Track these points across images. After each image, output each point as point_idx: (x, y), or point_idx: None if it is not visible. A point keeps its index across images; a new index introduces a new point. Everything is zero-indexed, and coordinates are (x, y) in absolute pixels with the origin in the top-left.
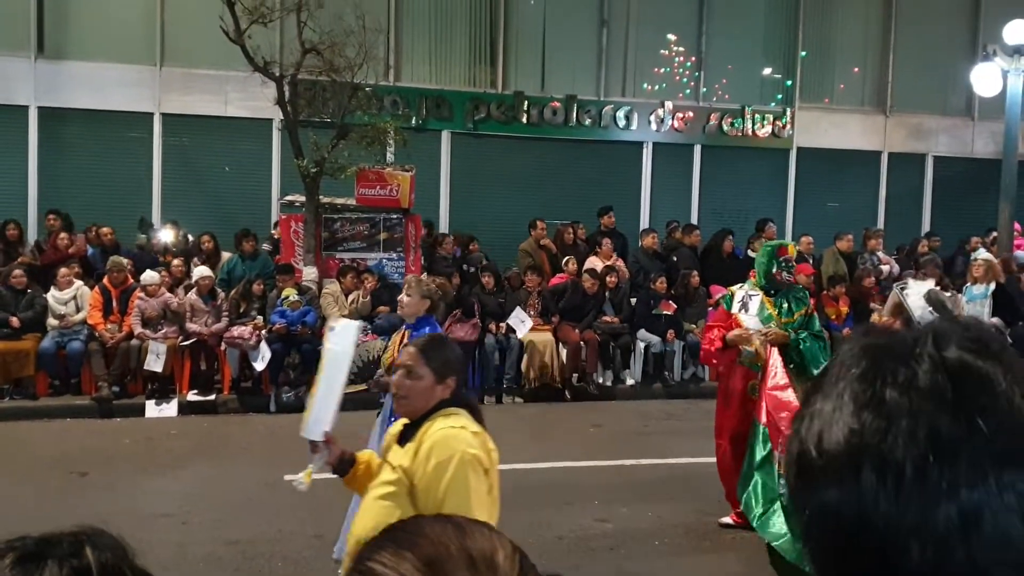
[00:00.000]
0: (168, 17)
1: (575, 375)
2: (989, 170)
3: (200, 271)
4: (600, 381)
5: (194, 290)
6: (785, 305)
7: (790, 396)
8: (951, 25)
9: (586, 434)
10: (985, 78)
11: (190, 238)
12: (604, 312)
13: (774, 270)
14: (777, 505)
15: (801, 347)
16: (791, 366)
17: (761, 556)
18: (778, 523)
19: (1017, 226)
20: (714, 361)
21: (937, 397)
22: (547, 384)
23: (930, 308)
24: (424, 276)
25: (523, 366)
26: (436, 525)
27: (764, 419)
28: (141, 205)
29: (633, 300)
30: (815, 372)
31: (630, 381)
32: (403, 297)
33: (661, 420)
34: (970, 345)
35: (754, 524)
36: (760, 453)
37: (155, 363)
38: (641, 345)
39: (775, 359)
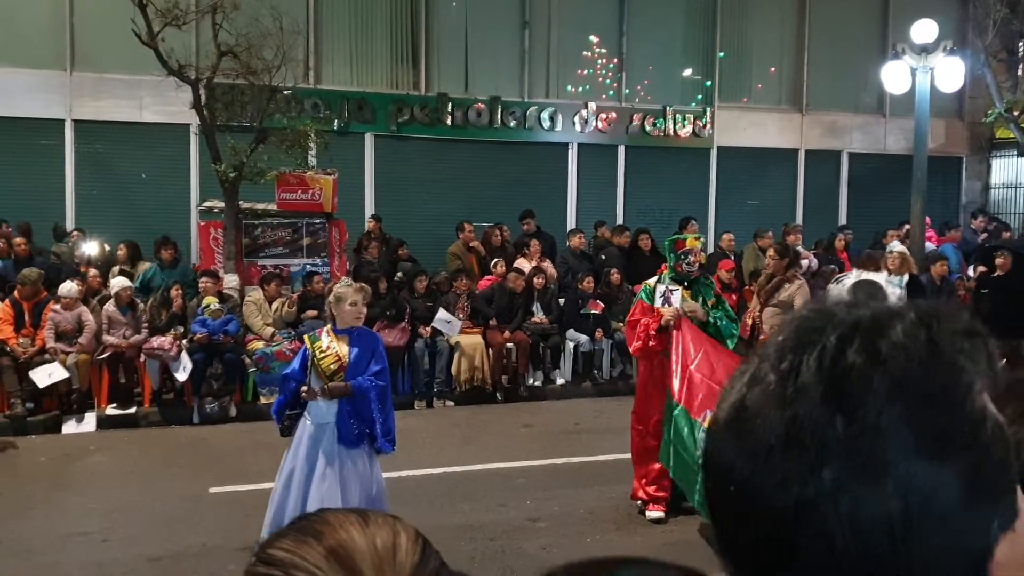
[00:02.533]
0: (78, 20)
1: (504, 376)
2: (901, 165)
3: (118, 281)
4: (531, 382)
5: (111, 301)
6: (700, 296)
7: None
8: (862, 25)
9: (517, 435)
10: (895, 76)
11: (107, 248)
12: (533, 313)
13: (675, 263)
14: (687, 470)
15: (719, 324)
16: None
17: (695, 548)
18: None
19: (927, 219)
20: (652, 343)
21: (807, 391)
22: (478, 386)
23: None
24: (350, 281)
25: (453, 369)
26: (339, 514)
27: (681, 398)
28: (54, 214)
29: (562, 300)
30: (729, 344)
31: (560, 381)
32: (361, 308)
33: (591, 418)
34: (867, 347)
35: (695, 504)
36: (684, 428)
37: (45, 380)
38: (570, 345)
39: (682, 338)
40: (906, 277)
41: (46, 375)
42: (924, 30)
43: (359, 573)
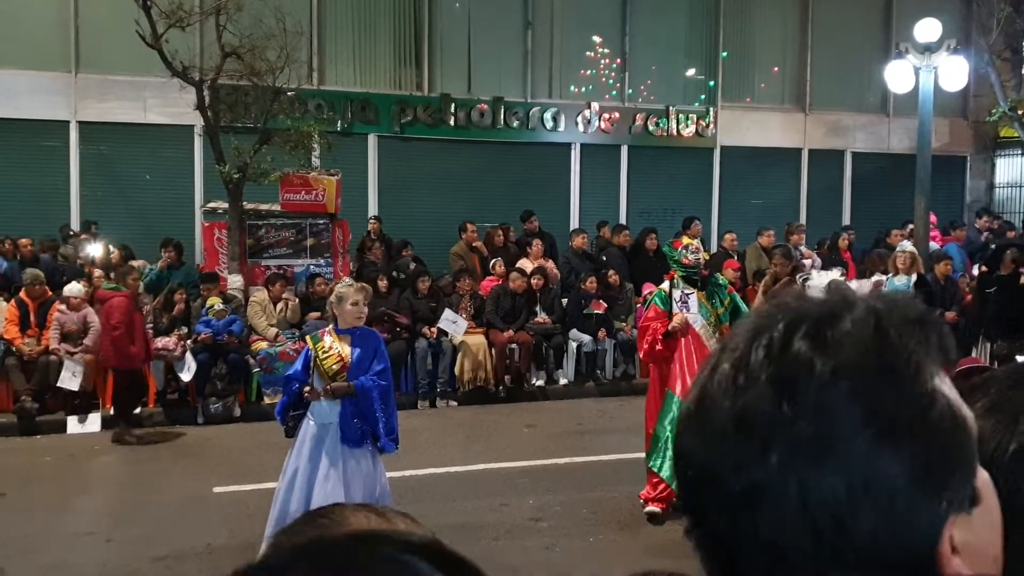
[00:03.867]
0: (82, 22)
1: (507, 376)
2: (905, 165)
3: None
4: (534, 382)
5: None
6: (715, 297)
7: None
8: (865, 25)
9: (520, 435)
10: (898, 76)
11: (112, 248)
12: (536, 313)
13: (683, 260)
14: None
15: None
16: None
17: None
18: None
19: (933, 219)
20: (659, 347)
21: (755, 377)
22: (481, 386)
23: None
24: (351, 281)
25: (456, 369)
26: (355, 508)
27: (680, 390)
28: (59, 216)
29: (564, 300)
30: None
31: (563, 381)
32: (363, 307)
33: (594, 418)
34: (813, 334)
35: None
36: (668, 421)
37: (70, 381)
38: (573, 345)
39: (688, 344)
40: (914, 277)
41: (70, 375)
42: (928, 29)
43: None
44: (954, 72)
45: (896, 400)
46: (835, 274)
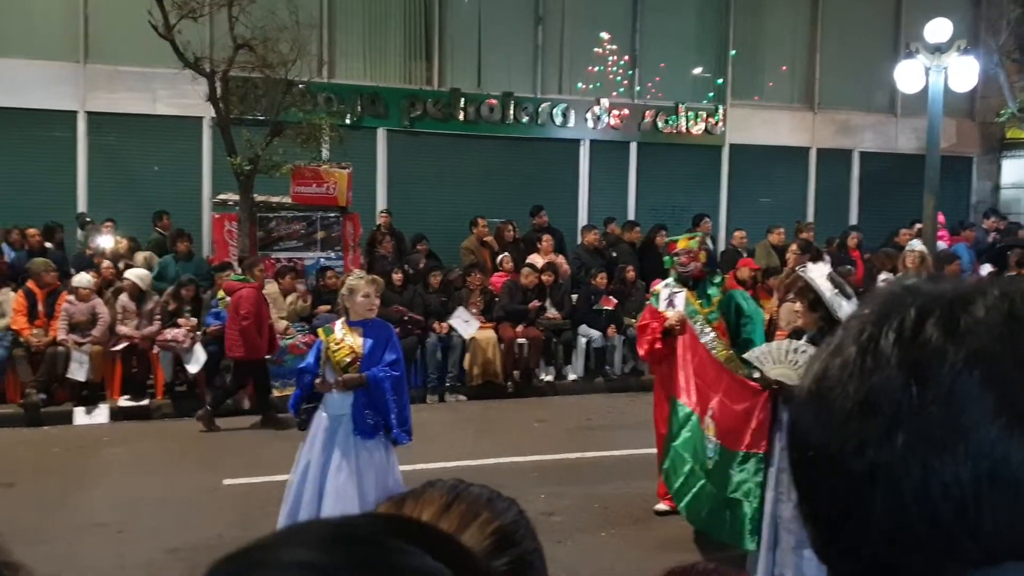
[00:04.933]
0: (92, 12)
1: (516, 372)
2: (913, 165)
3: (135, 273)
4: (543, 377)
5: (125, 293)
6: (704, 297)
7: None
8: (874, 24)
9: (530, 430)
10: (908, 75)
11: (120, 239)
12: (546, 308)
13: (670, 265)
14: (688, 471)
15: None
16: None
17: (709, 542)
18: (687, 488)
19: (941, 219)
20: (658, 346)
21: (884, 361)
22: (490, 381)
23: (835, 289)
24: (363, 273)
25: (466, 364)
26: (433, 494)
27: (685, 398)
28: (67, 207)
29: (574, 296)
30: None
31: (572, 376)
32: (374, 299)
33: (604, 414)
34: (946, 319)
35: (672, 492)
36: (676, 426)
37: (78, 372)
38: (583, 340)
39: (683, 342)
40: (924, 276)
41: (78, 366)
42: (938, 29)
43: None
44: (964, 72)
45: None
46: (826, 268)
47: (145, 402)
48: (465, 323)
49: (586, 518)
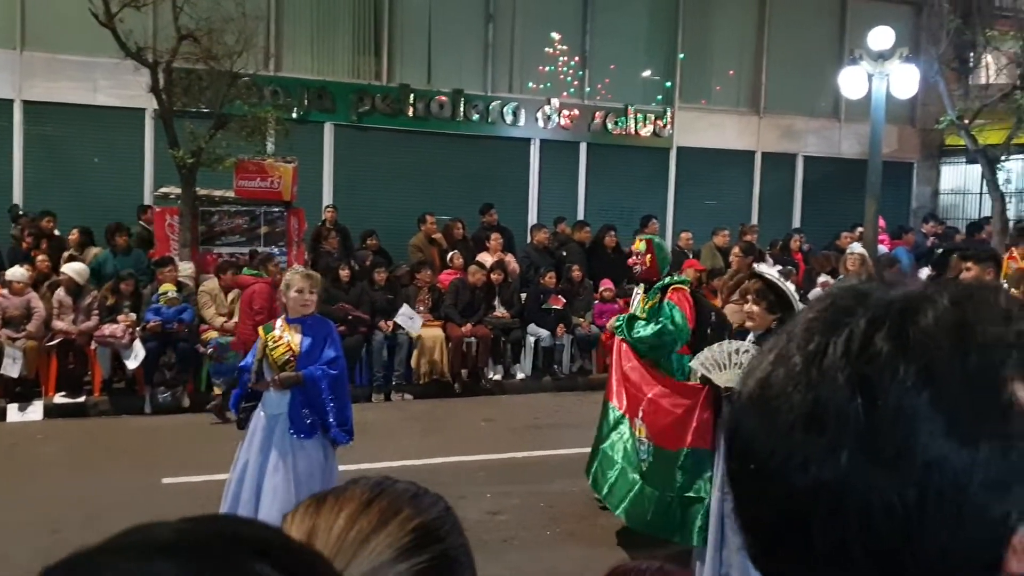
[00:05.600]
0: None
1: (464, 370)
2: (855, 169)
3: (71, 267)
4: (491, 376)
5: (61, 287)
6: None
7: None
8: (820, 31)
9: (478, 428)
10: (852, 81)
11: (56, 232)
12: (494, 307)
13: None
14: (617, 473)
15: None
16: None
17: (653, 540)
18: (621, 491)
19: (882, 223)
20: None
21: (832, 374)
22: (437, 380)
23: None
24: (300, 268)
25: (413, 362)
26: (354, 490)
27: (616, 401)
28: (2, 198)
29: (523, 295)
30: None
31: (520, 375)
32: (308, 295)
33: (551, 412)
34: (896, 333)
35: (602, 496)
36: (606, 428)
37: (11, 368)
38: (531, 339)
39: (618, 347)
40: (868, 278)
41: (11, 361)
42: (881, 37)
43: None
44: (906, 80)
45: (978, 408)
46: (774, 268)
47: (82, 399)
48: (410, 320)
49: (532, 517)
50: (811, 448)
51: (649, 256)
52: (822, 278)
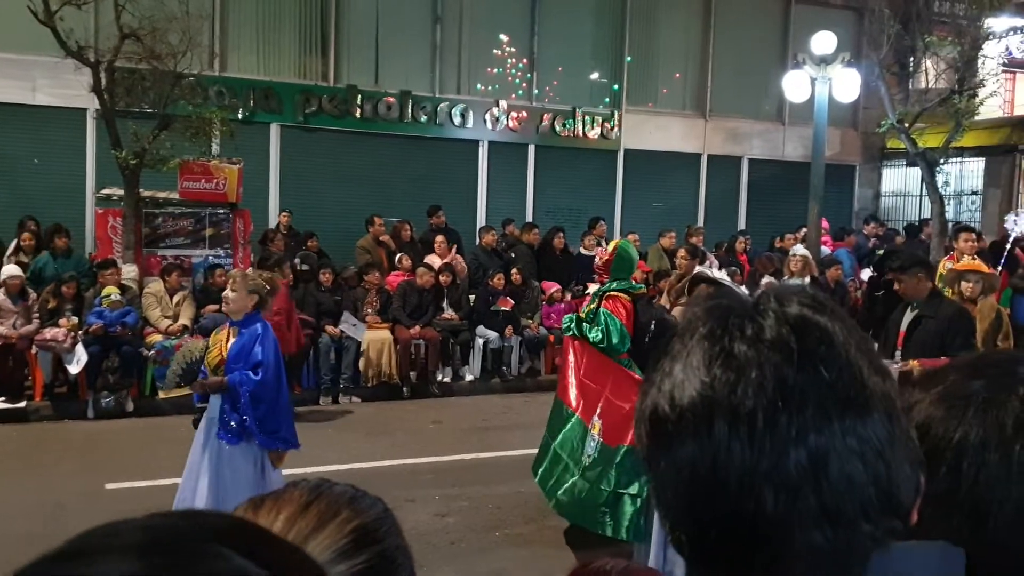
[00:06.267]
0: None
1: (412, 372)
2: (798, 172)
3: (9, 269)
4: (440, 378)
5: (1, 290)
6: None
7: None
8: (764, 36)
9: (426, 431)
10: (795, 85)
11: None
12: (443, 309)
13: None
14: (561, 469)
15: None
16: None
17: (600, 540)
18: (561, 484)
19: (825, 224)
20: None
21: (783, 348)
22: (385, 382)
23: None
24: (251, 271)
25: (361, 365)
26: (292, 494)
27: (571, 400)
28: None
29: (471, 297)
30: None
31: (469, 377)
32: (228, 293)
33: (500, 414)
34: (808, 302)
35: (545, 491)
36: (558, 427)
37: None
38: (480, 341)
39: (574, 347)
40: (807, 279)
41: None
42: (823, 42)
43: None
44: (847, 84)
45: (840, 386)
46: (723, 272)
47: (22, 404)
48: (353, 327)
49: (480, 518)
50: (801, 423)
51: (610, 259)
52: (765, 279)
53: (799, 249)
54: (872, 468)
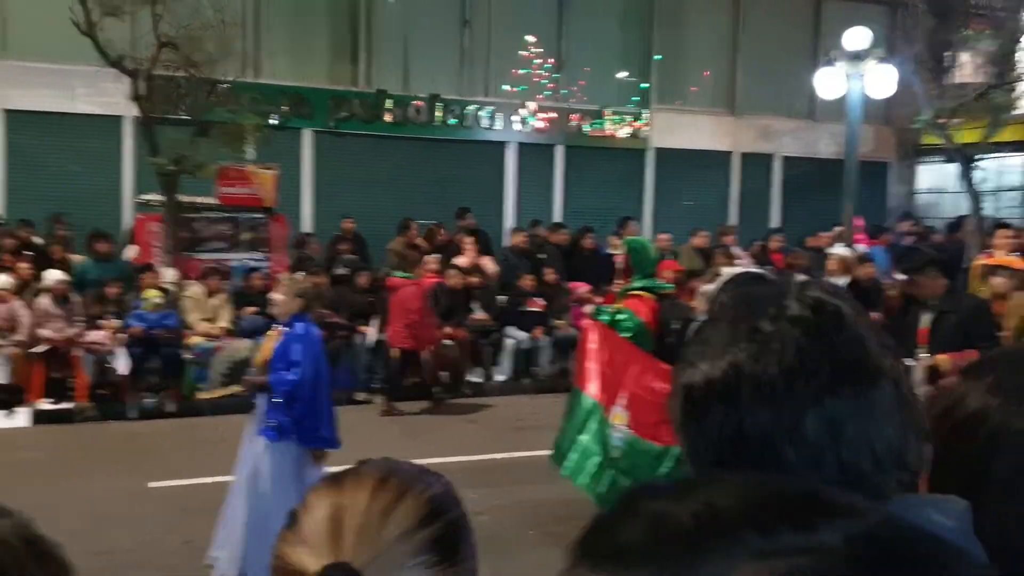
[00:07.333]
0: (9, 8)
1: (444, 373)
2: (832, 169)
3: (53, 275)
4: (471, 378)
5: (46, 294)
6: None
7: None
8: (794, 32)
9: (458, 430)
10: (828, 82)
11: (37, 240)
12: (472, 310)
13: None
14: (597, 465)
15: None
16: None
17: None
18: (602, 486)
19: (860, 222)
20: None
21: (801, 323)
22: (418, 383)
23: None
24: (299, 275)
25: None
26: (370, 470)
27: (591, 388)
28: None
29: (502, 298)
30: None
31: (500, 378)
32: (275, 296)
33: (532, 414)
34: (825, 288)
35: (584, 486)
36: (580, 417)
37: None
38: (510, 342)
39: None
40: (847, 279)
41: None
42: (857, 37)
43: (342, 538)
44: (882, 80)
45: (850, 361)
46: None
47: (67, 405)
48: (373, 334)
49: (515, 517)
50: (816, 385)
51: (625, 258)
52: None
53: (837, 249)
54: (882, 429)
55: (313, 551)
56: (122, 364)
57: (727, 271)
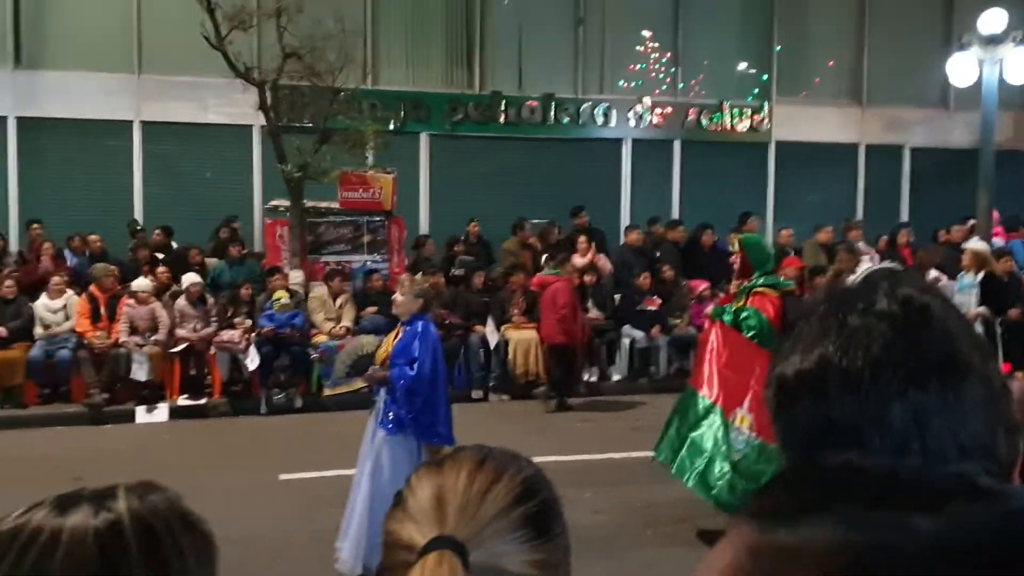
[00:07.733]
0: (145, 25)
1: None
2: (965, 160)
3: (189, 277)
4: (586, 378)
5: (183, 296)
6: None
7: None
8: (924, 16)
9: (574, 429)
10: (961, 68)
11: (175, 245)
12: (588, 309)
13: None
14: (706, 462)
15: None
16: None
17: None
18: (711, 479)
19: (995, 215)
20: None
21: (889, 318)
22: (532, 381)
23: None
24: (418, 276)
25: (508, 364)
26: (469, 453)
27: (707, 390)
28: (123, 213)
29: (617, 296)
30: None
31: (616, 377)
32: (397, 296)
33: (649, 414)
34: (918, 285)
35: (690, 484)
36: (693, 417)
37: (139, 372)
38: (626, 341)
39: (716, 334)
40: (981, 275)
41: (138, 365)
42: (992, 20)
43: (446, 514)
44: (1020, 65)
45: (940, 359)
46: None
47: (203, 401)
48: (492, 334)
49: (632, 516)
50: (902, 378)
51: (740, 255)
52: (932, 274)
53: (971, 243)
54: (969, 422)
55: (420, 527)
56: (253, 362)
57: (863, 267)
